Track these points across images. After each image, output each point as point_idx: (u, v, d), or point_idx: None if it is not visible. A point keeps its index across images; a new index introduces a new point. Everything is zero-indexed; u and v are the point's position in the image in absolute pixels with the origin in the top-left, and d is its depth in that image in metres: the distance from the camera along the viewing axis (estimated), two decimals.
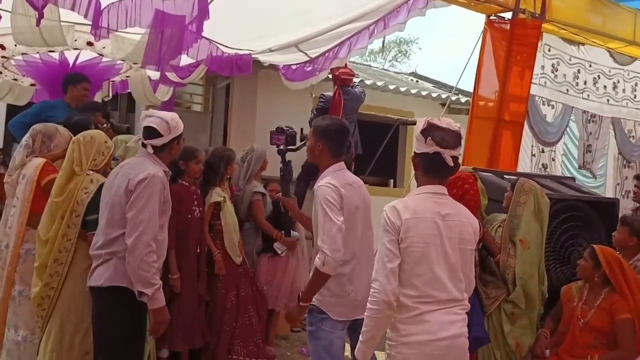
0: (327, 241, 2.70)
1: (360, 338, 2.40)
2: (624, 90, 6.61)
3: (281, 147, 3.81)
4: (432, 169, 2.45)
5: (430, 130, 2.41)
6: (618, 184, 6.75)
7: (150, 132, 2.95)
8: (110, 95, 6.29)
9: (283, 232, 4.80)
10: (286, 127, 4.03)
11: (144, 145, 2.98)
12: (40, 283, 3.18)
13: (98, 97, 5.94)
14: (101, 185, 3.14)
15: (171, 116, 3.03)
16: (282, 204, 3.37)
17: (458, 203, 2.59)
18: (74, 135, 3.51)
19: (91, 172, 3.25)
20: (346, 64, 6.09)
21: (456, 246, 2.39)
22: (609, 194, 6.37)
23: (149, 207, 2.76)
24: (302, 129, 5.52)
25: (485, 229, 3.65)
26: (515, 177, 3.99)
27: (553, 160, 6.13)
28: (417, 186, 2.50)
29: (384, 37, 5.42)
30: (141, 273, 2.70)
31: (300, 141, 3.60)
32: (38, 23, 3.61)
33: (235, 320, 4.36)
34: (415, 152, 2.46)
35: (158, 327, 2.80)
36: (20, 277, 3.41)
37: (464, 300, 2.42)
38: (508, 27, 5.13)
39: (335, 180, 2.86)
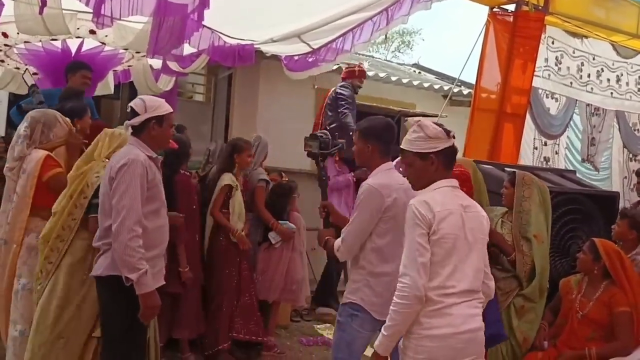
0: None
1: (384, 332, 2.38)
2: (627, 84, 6.58)
3: (315, 152, 3.80)
4: (450, 163, 2.51)
5: (443, 127, 2.49)
6: (625, 177, 6.73)
7: (131, 112, 2.98)
8: (113, 84, 6.28)
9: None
10: (320, 133, 4.00)
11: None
12: (41, 256, 3.24)
13: (100, 87, 5.94)
14: None
15: (150, 97, 3.05)
16: (324, 209, 3.43)
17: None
18: (71, 121, 3.52)
19: (107, 160, 3.24)
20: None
21: (477, 236, 2.44)
22: (615, 187, 6.34)
23: (129, 192, 2.73)
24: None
25: (491, 226, 3.64)
26: (512, 171, 3.96)
27: (556, 153, 6.12)
28: (427, 184, 2.49)
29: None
30: (125, 258, 2.69)
31: (333, 147, 3.65)
32: (41, 11, 3.61)
33: (237, 300, 4.43)
34: (435, 151, 2.45)
35: (147, 312, 2.78)
36: (28, 270, 3.39)
37: (480, 292, 2.45)
38: (511, 19, 5.11)
39: (386, 180, 2.91)
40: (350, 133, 4.84)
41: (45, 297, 3.18)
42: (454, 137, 2.50)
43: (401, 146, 2.55)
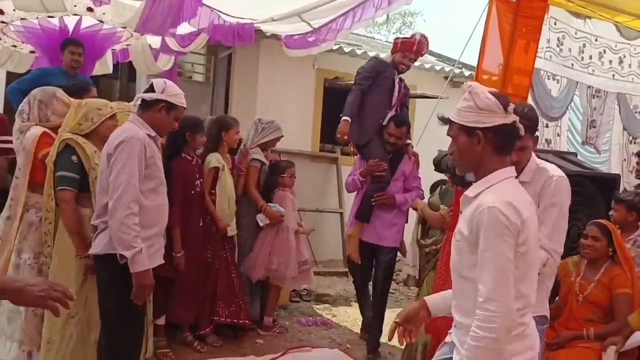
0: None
1: None
2: (629, 65, 6.52)
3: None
4: (506, 147, 2.00)
5: (501, 97, 1.98)
6: (624, 159, 6.70)
7: (149, 88, 2.96)
8: (111, 64, 6.22)
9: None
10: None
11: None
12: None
13: (99, 67, 5.89)
14: (62, 143, 3.17)
15: (173, 84, 3.00)
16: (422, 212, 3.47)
17: None
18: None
19: (70, 134, 3.21)
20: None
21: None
22: (615, 169, 6.33)
23: (126, 169, 2.71)
24: None
25: None
26: None
27: (558, 135, 6.08)
28: (476, 167, 2.03)
29: None
30: (120, 235, 2.67)
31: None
32: None
33: (217, 283, 4.40)
34: (483, 127, 1.95)
35: (140, 291, 2.76)
36: (28, 246, 3.39)
37: None
38: None
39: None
40: (340, 115, 4.49)
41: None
42: (517, 114, 1.98)
43: (449, 116, 2.07)
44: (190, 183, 4.19)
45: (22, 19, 4.93)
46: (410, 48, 4.67)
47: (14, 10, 4.57)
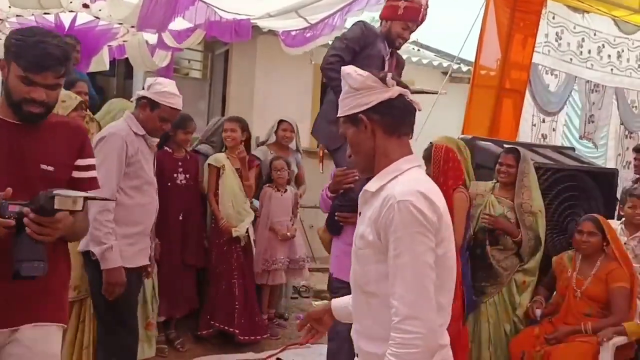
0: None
1: None
2: (628, 60, 6.51)
3: None
4: (400, 125, 1.65)
5: (379, 74, 1.65)
6: (619, 154, 6.71)
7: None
8: (108, 60, 6.20)
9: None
10: None
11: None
12: None
13: (95, 63, 5.86)
14: None
15: (163, 80, 2.95)
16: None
17: None
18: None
19: None
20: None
21: (451, 238, 1.65)
22: (610, 164, 6.33)
23: (104, 165, 2.66)
24: None
25: (496, 216, 3.64)
26: (511, 147, 3.90)
27: (554, 130, 6.08)
28: (370, 164, 1.67)
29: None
30: (93, 231, 2.63)
31: None
32: None
33: (218, 288, 4.36)
34: (365, 109, 1.61)
35: (109, 288, 2.73)
36: None
37: None
38: None
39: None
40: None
41: None
42: (401, 85, 1.64)
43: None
44: (167, 176, 4.11)
45: (17, 15, 4.91)
46: (416, 16, 3.34)
47: (10, 7, 4.56)
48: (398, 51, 3.54)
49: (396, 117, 1.63)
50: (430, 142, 3.55)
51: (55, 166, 1.89)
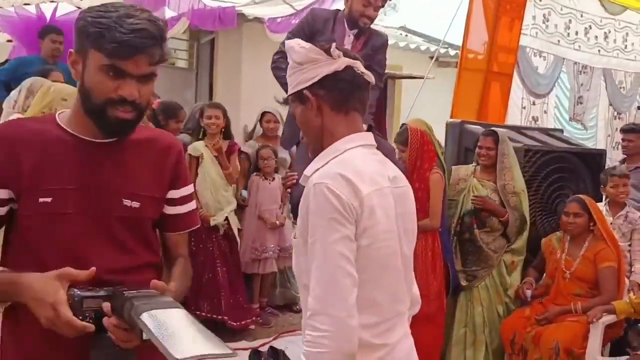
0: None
1: None
2: (614, 41, 6.52)
3: None
4: (348, 100, 1.49)
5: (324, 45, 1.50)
6: (609, 135, 6.75)
7: None
8: None
9: None
10: None
11: None
12: None
13: None
14: None
15: None
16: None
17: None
18: None
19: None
20: None
21: (409, 226, 1.54)
22: (600, 145, 6.36)
23: None
24: None
25: (483, 196, 3.65)
26: (490, 130, 3.87)
27: (545, 112, 6.09)
28: (320, 143, 1.52)
29: None
30: None
31: None
32: None
33: (201, 277, 4.30)
34: (311, 84, 1.47)
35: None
36: None
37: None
38: None
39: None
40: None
41: None
42: (349, 57, 1.49)
43: None
44: None
45: None
46: None
47: None
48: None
49: (343, 92, 1.48)
50: (404, 124, 3.56)
51: (141, 202, 1.41)
